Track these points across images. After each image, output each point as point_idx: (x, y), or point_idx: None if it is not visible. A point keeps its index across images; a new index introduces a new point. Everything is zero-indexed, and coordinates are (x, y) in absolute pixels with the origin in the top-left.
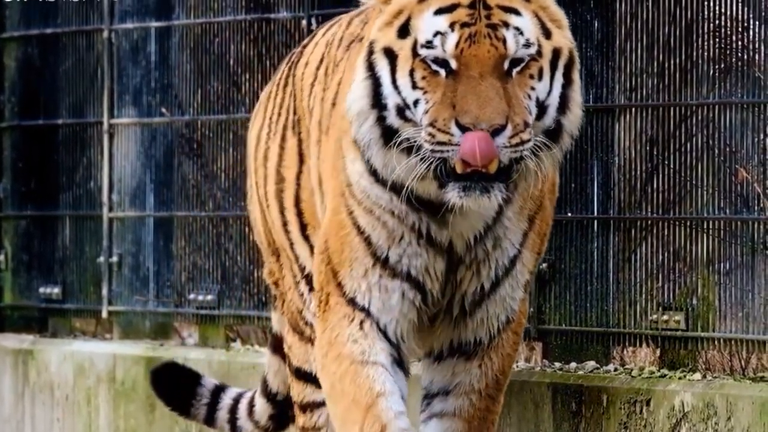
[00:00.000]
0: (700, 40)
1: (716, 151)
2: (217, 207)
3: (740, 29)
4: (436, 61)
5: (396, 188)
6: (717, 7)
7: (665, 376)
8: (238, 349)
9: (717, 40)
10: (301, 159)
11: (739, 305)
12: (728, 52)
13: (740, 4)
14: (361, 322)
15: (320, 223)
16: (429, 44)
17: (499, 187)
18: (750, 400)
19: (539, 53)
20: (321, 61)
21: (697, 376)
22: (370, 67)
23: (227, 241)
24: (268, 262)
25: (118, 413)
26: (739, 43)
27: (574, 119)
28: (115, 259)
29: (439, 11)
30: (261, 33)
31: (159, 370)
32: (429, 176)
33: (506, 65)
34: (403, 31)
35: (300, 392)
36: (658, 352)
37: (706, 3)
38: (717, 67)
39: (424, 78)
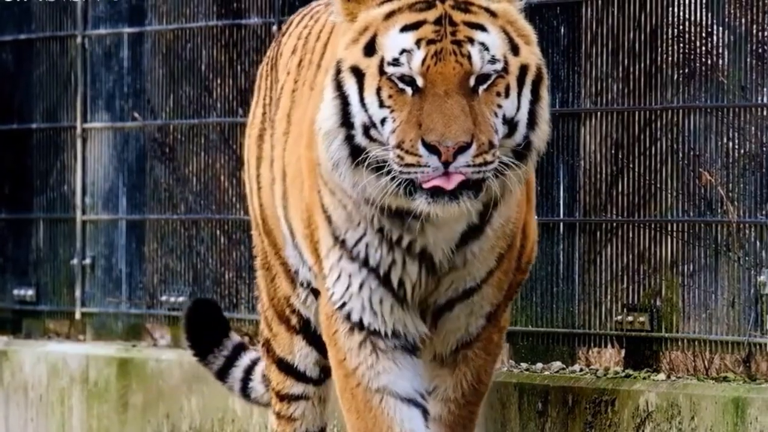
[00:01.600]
0: (664, 45)
1: (680, 154)
2: (188, 210)
3: (704, 34)
4: (403, 78)
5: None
6: (681, 13)
7: (630, 376)
8: None
9: (681, 45)
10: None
11: (703, 306)
12: (692, 57)
13: (704, 10)
14: (344, 322)
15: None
16: (395, 62)
17: (468, 194)
18: (713, 399)
19: (506, 70)
20: (293, 51)
21: (662, 376)
22: (339, 86)
23: (198, 243)
24: (259, 245)
25: (92, 413)
26: (703, 48)
27: (542, 135)
28: (88, 261)
29: (405, 28)
30: (232, 39)
31: (197, 305)
32: (399, 193)
33: (472, 82)
34: (370, 49)
35: (280, 383)
36: (623, 352)
37: (670, 9)
38: (681, 71)
39: (390, 96)
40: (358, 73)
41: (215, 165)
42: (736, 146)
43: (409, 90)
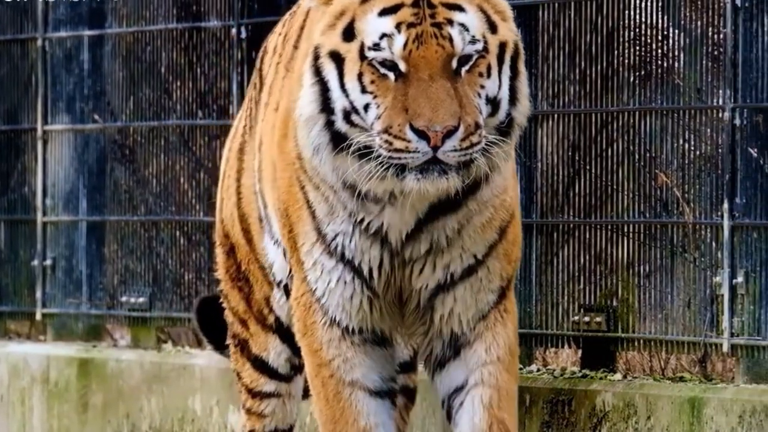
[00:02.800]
0: (620, 48)
1: (636, 156)
2: (148, 211)
3: (660, 37)
4: (384, 63)
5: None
6: (637, 16)
7: (586, 376)
8: (169, 350)
9: (637, 48)
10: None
11: (659, 307)
12: (648, 59)
13: (660, 13)
14: (327, 321)
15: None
16: (376, 47)
17: (456, 170)
18: (669, 399)
19: (486, 49)
20: (283, 38)
21: (618, 376)
22: (317, 72)
23: (158, 244)
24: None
25: (52, 413)
26: (659, 50)
27: (523, 110)
28: (48, 262)
29: (383, 12)
30: (192, 41)
31: (206, 301)
32: (388, 177)
33: (455, 64)
34: (348, 34)
35: (253, 380)
36: (579, 352)
37: (626, 12)
38: (637, 74)
39: (373, 82)
40: (338, 59)
41: (175, 167)
42: (692, 148)
43: (391, 75)
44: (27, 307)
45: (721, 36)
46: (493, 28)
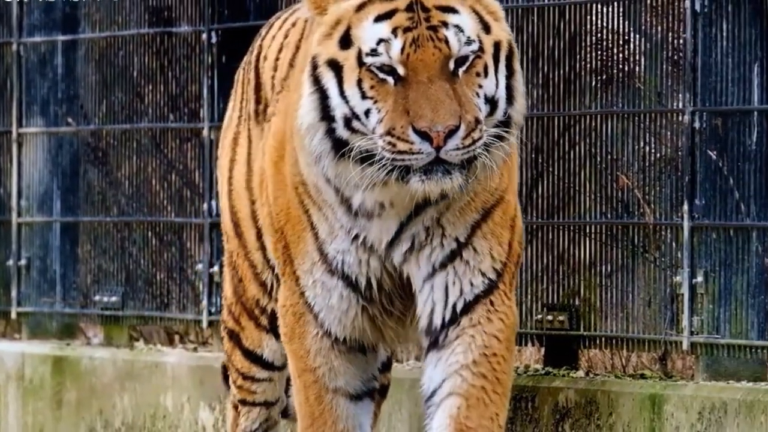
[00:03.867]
0: (583, 52)
1: (598, 158)
2: (121, 212)
3: (621, 42)
4: (383, 68)
5: (343, 195)
6: (599, 21)
7: (549, 373)
8: (142, 348)
9: (599, 52)
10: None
11: (620, 306)
12: (610, 64)
13: (621, 18)
14: (318, 331)
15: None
16: (374, 52)
17: (459, 170)
18: (630, 396)
19: (481, 49)
20: (280, 50)
21: (580, 373)
22: (316, 80)
23: (131, 245)
24: (229, 245)
25: (27, 410)
26: (620, 55)
27: (520, 108)
28: (23, 262)
29: (378, 18)
30: (163, 46)
31: None
32: (391, 180)
33: (452, 65)
34: (345, 42)
35: (246, 368)
36: (542, 350)
37: (588, 17)
38: (599, 78)
39: (372, 87)
40: (336, 67)
41: (147, 169)
42: (653, 150)
43: (390, 79)
44: (2, 306)
45: (681, 41)
46: (486, 28)
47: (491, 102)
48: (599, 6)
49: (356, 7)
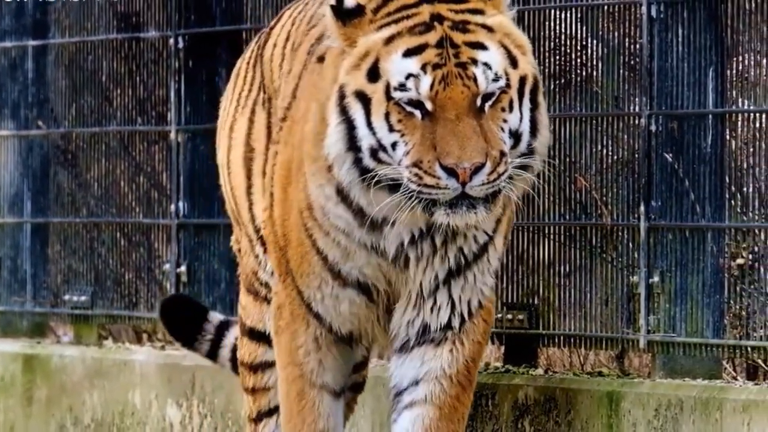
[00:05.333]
0: (541, 57)
1: (557, 161)
2: (90, 214)
3: (579, 47)
4: (411, 102)
5: (362, 215)
6: (557, 27)
7: (509, 371)
8: (110, 346)
9: (557, 57)
10: (269, 134)
11: (578, 305)
12: (568, 68)
13: (579, 24)
14: (316, 334)
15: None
16: (402, 87)
17: (484, 204)
18: (588, 394)
19: (508, 84)
20: (287, 40)
21: (540, 371)
22: (343, 111)
23: (100, 245)
24: (235, 232)
25: None
26: (578, 60)
27: (543, 141)
28: None
29: (407, 53)
30: (131, 51)
31: (168, 301)
32: (418, 211)
33: (479, 102)
34: (373, 74)
35: (252, 352)
36: (502, 349)
37: (547, 23)
38: (557, 82)
39: (400, 121)
40: (364, 98)
41: (115, 171)
42: (610, 153)
43: (417, 113)
44: None
45: (638, 46)
46: (513, 63)
47: (515, 135)
48: (557, 12)
49: (385, 40)
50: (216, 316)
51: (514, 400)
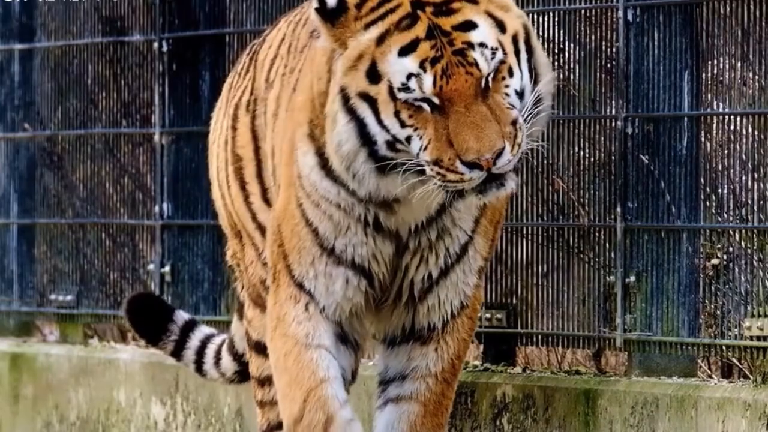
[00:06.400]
0: None
1: (535, 163)
2: (75, 215)
3: (556, 51)
4: (417, 100)
5: (344, 184)
6: (535, 30)
7: (488, 369)
8: (96, 345)
9: None
10: (255, 135)
11: (556, 304)
12: None
13: (556, 28)
14: (307, 305)
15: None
16: (405, 88)
17: (510, 176)
18: (566, 391)
19: (504, 53)
20: (283, 39)
21: (518, 369)
22: (351, 110)
23: (85, 246)
24: (231, 245)
25: None
26: (556, 63)
27: (547, 82)
28: None
29: (402, 51)
30: (116, 55)
31: (134, 299)
32: (446, 198)
33: (483, 84)
34: (373, 77)
35: (259, 366)
36: (481, 347)
37: None
38: None
39: (411, 116)
40: (369, 99)
41: (100, 173)
42: (587, 155)
43: (426, 107)
44: None
45: (614, 50)
46: (502, 27)
47: (519, 94)
48: (535, 16)
49: (376, 40)
50: (182, 316)
51: (493, 398)
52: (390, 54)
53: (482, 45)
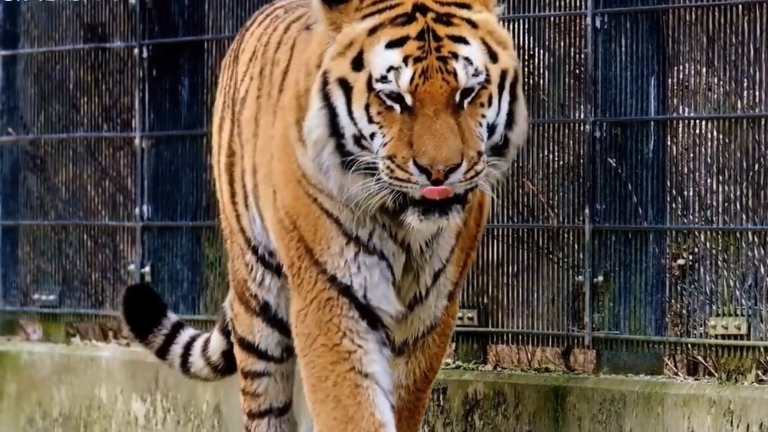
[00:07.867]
0: None
1: None
2: (58, 216)
3: (526, 57)
4: (391, 96)
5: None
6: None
7: (460, 367)
8: (78, 343)
9: None
10: (231, 130)
11: (526, 304)
12: None
13: (526, 34)
14: (350, 309)
15: (258, 199)
16: (383, 79)
17: (456, 208)
18: (536, 389)
19: (488, 80)
20: (253, 53)
21: (489, 367)
22: (326, 96)
23: (67, 247)
24: (225, 234)
25: None
26: (526, 69)
27: (520, 132)
28: None
29: (390, 44)
30: (97, 60)
31: (133, 289)
32: (388, 204)
33: (458, 97)
34: (357, 64)
35: (243, 360)
36: (453, 345)
37: None
38: None
39: (379, 113)
40: (346, 86)
41: (82, 175)
42: (556, 158)
43: (397, 107)
44: None
45: (583, 56)
46: (494, 58)
47: (491, 128)
48: (505, 23)
49: (369, 30)
50: (173, 316)
51: (465, 395)
52: (378, 45)
53: (467, 60)
